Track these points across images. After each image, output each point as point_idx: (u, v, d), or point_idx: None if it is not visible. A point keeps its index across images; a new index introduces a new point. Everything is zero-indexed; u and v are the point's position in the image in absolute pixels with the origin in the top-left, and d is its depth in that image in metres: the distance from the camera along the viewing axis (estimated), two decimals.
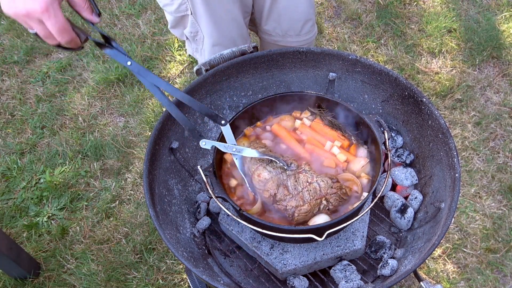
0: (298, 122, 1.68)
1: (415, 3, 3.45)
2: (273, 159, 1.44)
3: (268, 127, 1.68)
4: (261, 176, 1.43)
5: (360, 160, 1.55)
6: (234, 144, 1.45)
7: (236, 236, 1.60)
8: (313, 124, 1.66)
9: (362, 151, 1.59)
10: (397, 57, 3.11)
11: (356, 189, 1.49)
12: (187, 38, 1.97)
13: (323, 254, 1.52)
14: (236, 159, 1.47)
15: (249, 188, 1.46)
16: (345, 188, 1.46)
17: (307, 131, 1.65)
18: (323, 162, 1.56)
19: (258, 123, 1.69)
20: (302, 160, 1.54)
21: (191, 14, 1.84)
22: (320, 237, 1.30)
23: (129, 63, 1.36)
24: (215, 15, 1.84)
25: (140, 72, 1.37)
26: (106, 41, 1.35)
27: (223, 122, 1.45)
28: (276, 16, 1.99)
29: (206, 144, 1.41)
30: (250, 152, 1.45)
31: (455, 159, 1.46)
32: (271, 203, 1.43)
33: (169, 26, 1.99)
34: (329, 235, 1.31)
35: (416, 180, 1.71)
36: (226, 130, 1.46)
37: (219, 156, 1.55)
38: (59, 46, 1.27)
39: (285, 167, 1.44)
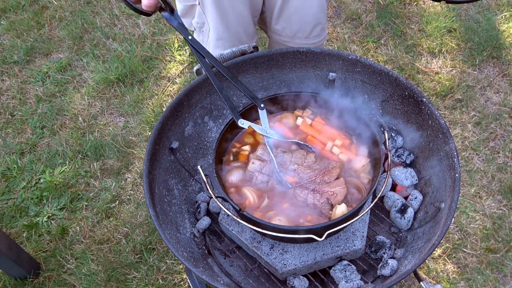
0: (299, 120, 1.68)
1: (415, 3, 3.45)
2: (299, 142, 1.62)
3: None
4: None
5: (361, 159, 1.55)
6: (267, 128, 1.58)
7: (236, 236, 1.59)
8: (314, 123, 1.67)
9: (363, 150, 1.59)
10: (397, 57, 3.11)
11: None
12: (195, 29, 2.01)
13: (323, 254, 1.52)
14: (267, 142, 1.58)
15: (276, 168, 1.55)
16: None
17: (308, 129, 1.66)
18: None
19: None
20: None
21: (199, 4, 1.88)
22: (320, 237, 1.30)
23: (190, 37, 1.48)
24: (221, 8, 1.85)
25: (200, 49, 1.48)
26: (170, 11, 1.45)
27: (262, 105, 1.56)
28: (287, 17, 2.00)
29: (244, 124, 1.53)
30: (278, 136, 1.61)
31: (455, 159, 1.46)
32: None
33: (179, 14, 2.04)
34: (329, 235, 1.31)
35: (416, 180, 1.71)
36: (263, 114, 1.57)
37: (219, 156, 1.55)
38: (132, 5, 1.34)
39: (311, 150, 1.60)
